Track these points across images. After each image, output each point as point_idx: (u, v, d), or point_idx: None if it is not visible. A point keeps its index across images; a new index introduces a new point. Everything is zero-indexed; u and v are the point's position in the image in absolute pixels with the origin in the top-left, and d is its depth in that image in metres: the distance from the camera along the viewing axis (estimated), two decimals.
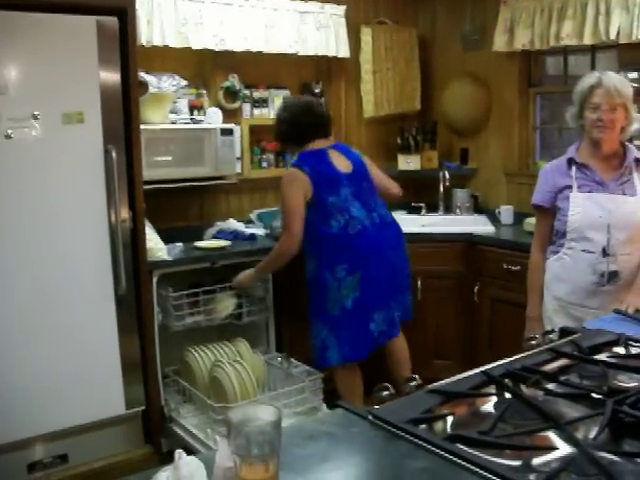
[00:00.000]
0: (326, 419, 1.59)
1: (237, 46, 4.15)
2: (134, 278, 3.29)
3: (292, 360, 3.65)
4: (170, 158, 3.76)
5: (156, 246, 3.44)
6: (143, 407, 3.42)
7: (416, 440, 1.33)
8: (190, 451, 3.20)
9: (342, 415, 1.52)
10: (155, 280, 3.44)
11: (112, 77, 3.18)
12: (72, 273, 3.15)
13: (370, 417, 1.45)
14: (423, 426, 1.41)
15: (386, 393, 1.54)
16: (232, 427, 1.14)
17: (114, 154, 3.14)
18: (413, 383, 1.60)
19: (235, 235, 3.91)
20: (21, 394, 3.08)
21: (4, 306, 3.02)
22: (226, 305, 3.64)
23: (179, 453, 1.24)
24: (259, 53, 4.26)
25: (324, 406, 3.45)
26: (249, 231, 4.00)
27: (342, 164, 3.42)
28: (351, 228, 3.31)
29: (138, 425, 3.46)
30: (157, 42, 3.81)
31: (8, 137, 2.94)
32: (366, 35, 4.79)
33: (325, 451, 1.35)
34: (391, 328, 3.45)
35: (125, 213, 3.22)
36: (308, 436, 1.41)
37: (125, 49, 3.22)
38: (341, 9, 4.59)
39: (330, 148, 3.46)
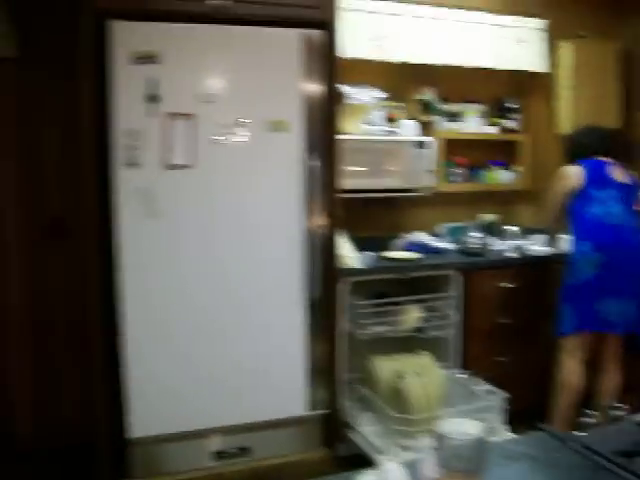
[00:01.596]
0: (525, 440, 1.55)
1: (434, 59, 4.16)
2: (325, 284, 3.37)
3: (475, 378, 3.58)
4: (363, 168, 3.82)
5: (348, 254, 3.51)
6: (325, 411, 3.48)
7: (627, 475, 1.26)
8: (366, 459, 3.24)
9: (542, 438, 1.47)
10: (345, 287, 3.49)
11: (315, 88, 3.28)
12: (266, 275, 3.29)
13: (575, 444, 1.39)
14: (633, 459, 1.33)
15: (590, 420, 1.48)
16: (439, 439, 1.13)
17: (314, 162, 3.24)
18: (618, 412, 1.52)
19: (424, 248, 3.91)
20: (214, 386, 3.26)
21: (202, 303, 3.21)
22: (412, 317, 3.64)
23: (383, 459, 1.25)
24: (455, 67, 4.23)
25: (504, 427, 3.36)
26: (438, 245, 3.98)
27: (617, 173, 3.73)
28: (606, 219, 3.61)
29: (318, 428, 3.53)
30: (357, 55, 3.89)
31: (218, 142, 3.13)
32: (565, 49, 4.62)
33: (528, 473, 1.31)
34: (613, 323, 3.60)
35: (321, 220, 3.31)
36: (508, 456, 1.38)
37: (327, 61, 3.31)
38: (542, 23, 4.47)
39: (609, 162, 3.76)
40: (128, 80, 3.01)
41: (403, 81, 4.28)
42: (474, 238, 4.03)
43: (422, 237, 4.04)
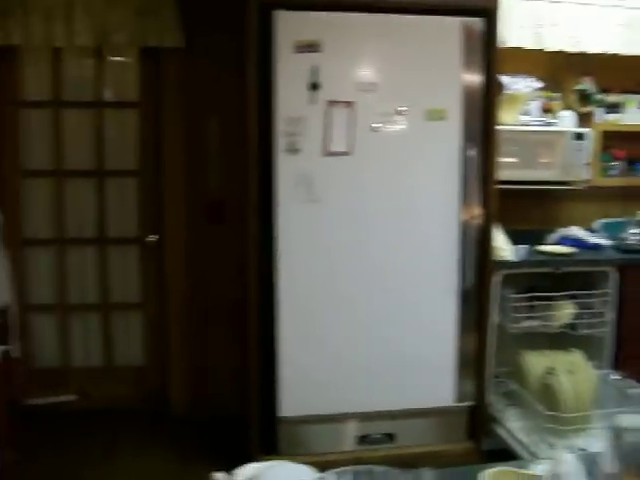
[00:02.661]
0: None
1: (593, 48, 4.00)
2: (478, 276, 3.34)
3: (630, 381, 3.44)
4: (518, 159, 3.74)
5: (502, 246, 3.46)
6: (472, 403, 3.45)
7: None
8: (511, 455, 3.19)
9: None
10: (497, 279, 3.44)
11: (474, 77, 3.24)
12: (419, 265, 3.29)
13: None
14: None
15: None
16: (617, 433, 1.10)
17: (471, 152, 3.21)
18: None
19: (578, 243, 3.79)
20: (361, 372, 3.31)
21: (353, 289, 3.26)
22: (564, 313, 3.54)
23: (558, 450, 1.23)
24: (615, 55, 4.06)
25: None
26: (593, 240, 3.84)
27: None
28: None
29: (463, 420, 3.51)
30: (513, 43, 3.80)
31: (376, 130, 3.15)
32: None
33: None
34: None
35: (477, 211, 3.28)
36: None
37: (487, 50, 3.26)
38: None
39: None
40: (291, 68, 3.08)
41: (560, 70, 4.14)
42: (633, 235, 3.86)
43: (577, 232, 3.91)
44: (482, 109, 3.27)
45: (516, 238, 3.70)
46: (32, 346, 4.10)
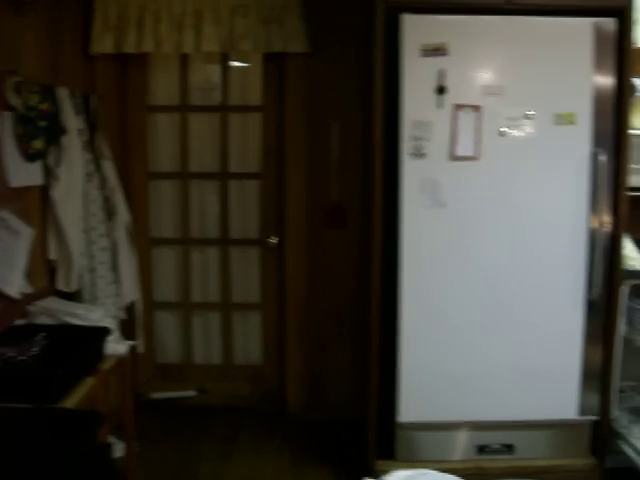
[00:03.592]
0: None
1: None
2: (606, 286, 3.23)
3: None
4: None
5: (631, 254, 3.33)
6: (595, 417, 3.34)
7: None
8: (636, 474, 3.06)
9: None
10: (625, 290, 3.32)
11: (605, 80, 3.13)
12: (544, 273, 3.20)
13: None
14: None
15: None
16: None
17: (602, 158, 3.11)
18: None
19: None
20: (482, 381, 3.26)
21: (476, 296, 3.21)
22: None
23: None
24: None
25: None
26: None
27: None
28: None
29: (586, 434, 3.39)
30: None
31: (502, 134, 3.10)
32: None
33: None
34: None
35: (606, 218, 3.17)
36: None
37: (619, 51, 3.14)
38: None
39: None
40: (417, 72, 3.07)
41: None
42: None
43: None
44: (613, 113, 3.15)
45: None
46: (155, 342, 4.25)
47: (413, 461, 3.29)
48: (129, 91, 4.06)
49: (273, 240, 4.09)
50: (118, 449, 3.26)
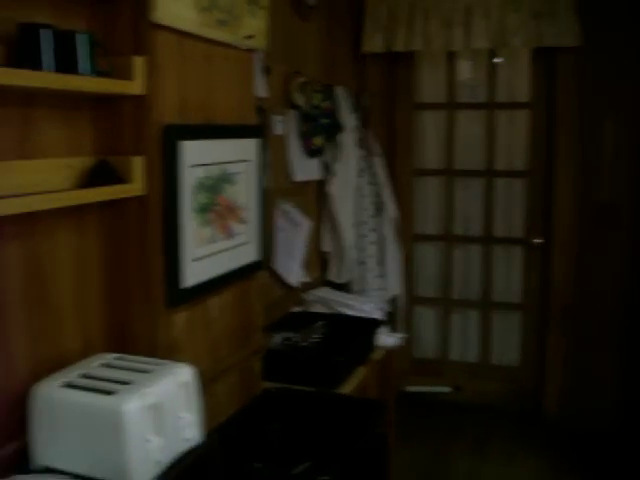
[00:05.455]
0: None
1: None
2: None
3: None
4: None
5: None
6: None
7: None
8: None
9: None
10: None
11: None
12: None
13: None
14: None
15: None
16: None
17: None
18: None
19: None
20: None
21: None
22: None
23: None
24: None
25: None
26: None
27: None
28: None
29: None
30: None
31: None
32: None
33: None
34: None
35: None
36: None
37: None
38: None
39: None
40: None
41: None
42: None
43: None
44: None
45: None
46: (413, 336, 4.32)
47: None
48: (397, 89, 4.15)
49: (538, 241, 3.98)
50: None
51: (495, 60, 4.08)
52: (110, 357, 1.71)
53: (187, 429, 1.63)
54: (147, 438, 1.50)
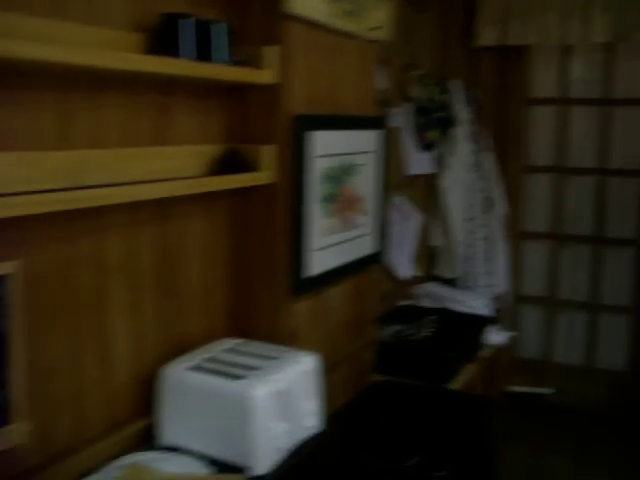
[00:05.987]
0: None
1: None
2: None
3: None
4: None
5: None
6: None
7: None
8: None
9: None
10: None
11: None
12: None
13: None
14: None
15: None
16: None
17: None
18: None
19: None
20: None
21: None
22: None
23: None
24: None
25: None
26: None
27: None
28: None
29: None
30: None
31: None
32: None
33: None
34: None
35: None
36: None
37: None
38: None
39: None
40: None
41: None
42: None
43: None
44: None
45: None
46: (518, 336, 4.23)
47: None
48: (508, 84, 4.06)
49: None
50: None
51: (616, 55, 3.92)
52: (233, 342, 1.74)
53: (308, 417, 1.65)
54: (272, 424, 1.52)
